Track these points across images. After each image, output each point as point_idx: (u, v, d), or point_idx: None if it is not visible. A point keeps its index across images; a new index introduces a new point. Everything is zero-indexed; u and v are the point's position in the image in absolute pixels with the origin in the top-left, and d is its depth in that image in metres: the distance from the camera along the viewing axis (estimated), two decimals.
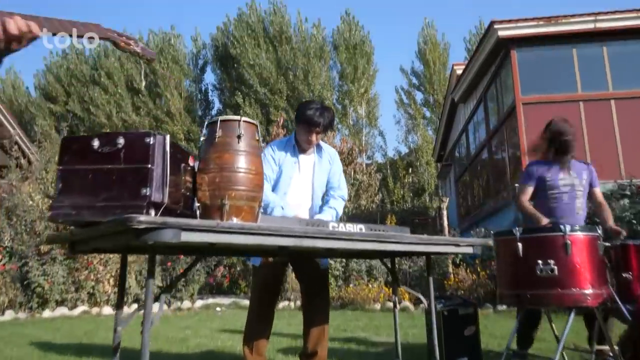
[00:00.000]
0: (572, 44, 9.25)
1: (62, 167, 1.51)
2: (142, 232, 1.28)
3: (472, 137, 13.24)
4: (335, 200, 3.09)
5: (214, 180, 1.67)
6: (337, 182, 3.16)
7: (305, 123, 2.91)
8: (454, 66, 13.87)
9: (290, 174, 2.96)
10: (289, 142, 3.07)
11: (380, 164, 22.86)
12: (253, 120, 1.82)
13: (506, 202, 9.13)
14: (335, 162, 3.18)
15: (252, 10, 24.40)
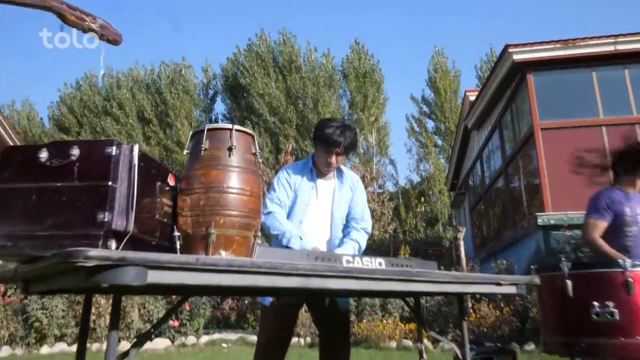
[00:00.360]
0: (591, 67, 8.95)
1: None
2: (94, 271, 0.94)
3: (487, 164, 12.88)
4: (357, 233, 2.73)
5: (198, 203, 1.35)
6: (360, 213, 2.80)
7: (324, 142, 2.60)
8: (466, 92, 13.62)
9: (307, 200, 2.65)
10: (305, 165, 2.77)
11: (392, 193, 22.46)
12: (249, 130, 1.51)
13: (526, 232, 8.70)
14: (358, 189, 2.83)
15: (261, 41, 24.53)
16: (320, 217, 2.68)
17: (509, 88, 9.96)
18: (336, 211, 2.71)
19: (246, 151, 1.48)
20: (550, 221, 7.80)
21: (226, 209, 1.36)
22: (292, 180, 2.68)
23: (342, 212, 2.75)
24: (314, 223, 2.66)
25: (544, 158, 8.50)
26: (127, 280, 0.95)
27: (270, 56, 24.26)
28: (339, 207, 2.72)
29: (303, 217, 2.63)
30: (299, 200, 2.64)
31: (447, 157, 22.65)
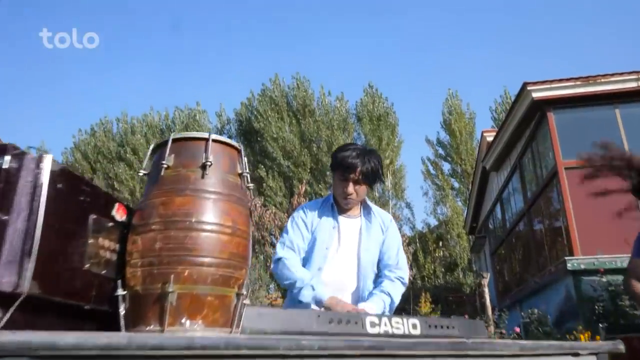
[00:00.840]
0: (614, 104, 8.63)
1: None
2: None
3: (508, 207, 12.42)
4: (391, 284, 2.26)
5: (153, 245, 0.97)
6: (395, 258, 2.35)
7: (339, 168, 2.23)
8: (483, 133, 13.32)
9: (327, 242, 2.24)
10: (325, 202, 2.39)
11: (410, 237, 21.91)
12: (233, 142, 1.14)
13: (554, 278, 8.17)
14: (391, 230, 2.40)
15: (275, 85, 24.68)
16: (344, 263, 2.25)
17: (528, 127, 9.64)
18: (364, 255, 2.26)
19: (229, 171, 1.11)
20: (580, 266, 7.30)
21: (195, 255, 0.98)
22: (308, 220, 2.30)
23: (372, 257, 2.30)
24: (337, 270, 2.24)
25: (569, 199, 8.07)
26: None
27: (284, 100, 24.34)
28: (367, 251, 2.28)
29: (323, 263, 2.22)
30: (317, 243, 2.24)
31: (465, 199, 22.16)
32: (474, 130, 23.79)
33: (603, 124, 8.71)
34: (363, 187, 2.26)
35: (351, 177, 2.20)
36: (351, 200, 2.26)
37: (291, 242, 2.23)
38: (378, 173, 2.28)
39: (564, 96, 8.55)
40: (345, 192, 2.23)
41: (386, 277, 2.29)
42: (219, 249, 1.02)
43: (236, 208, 1.09)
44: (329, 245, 2.24)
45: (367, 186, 2.27)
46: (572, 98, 8.57)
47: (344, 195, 2.24)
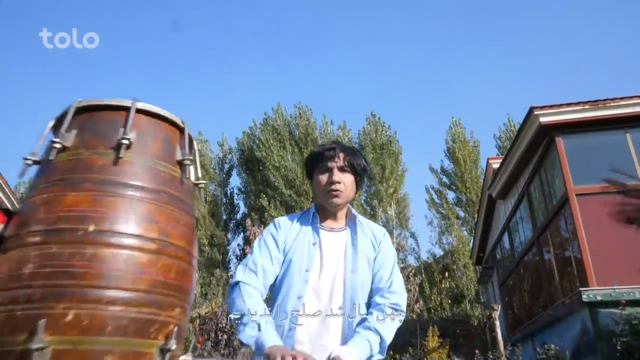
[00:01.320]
0: (624, 129, 8.40)
1: None
2: None
3: (516, 236, 12.06)
4: (380, 314, 1.79)
5: (22, 270, 0.64)
6: (388, 280, 1.89)
7: (317, 161, 1.92)
8: (489, 160, 13.08)
9: (307, 263, 1.81)
10: (305, 215, 1.98)
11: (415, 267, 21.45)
12: (171, 115, 0.80)
13: (568, 310, 7.78)
14: (385, 246, 1.98)
15: (277, 114, 24.70)
16: (329, 290, 1.80)
17: (536, 153, 9.41)
18: (350, 278, 1.82)
19: (161, 156, 0.76)
20: (597, 297, 6.94)
21: (88, 285, 0.64)
22: (281, 236, 1.88)
23: (363, 278, 1.87)
24: (322, 299, 1.78)
25: (582, 226, 7.77)
26: None
27: (287, 129, 24.32)
28: (354, 272, 1.84)
29: (303, 290, 1.78)
30: (294, 265, 1.82)
31: (470, 229, 21.80)
32: (479, 158, 23.64)
33: (614, 149, 8.47)
34: (350, 177, 1.91)
35: (335, 164, 1.88)
36: (339, 192, 1.87)
37: (254, 264, 1.77)
38: (363, 161, 1.96)
39: (572, 120, 8.36)
40: (331, 180, 1.86)
41: (376, 306, 1.84)
42: (133, 276, 0.68)
43: (170, 212, 0.75)
44: (310, 266, 1.81)
45: (353, 177, 1.92)
46: (581, 122, 8.38)
47: (330, 186, 1.87)
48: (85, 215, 0.67)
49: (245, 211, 25.56)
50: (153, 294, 0.72)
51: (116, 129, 0.75)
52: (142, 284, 0.71)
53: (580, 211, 7.89)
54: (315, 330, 1.74)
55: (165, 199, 0.76)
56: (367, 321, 1.77)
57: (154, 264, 0.71)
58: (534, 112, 8.50)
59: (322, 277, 1.81)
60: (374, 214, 22.69)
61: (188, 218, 0.79)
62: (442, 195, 24.24)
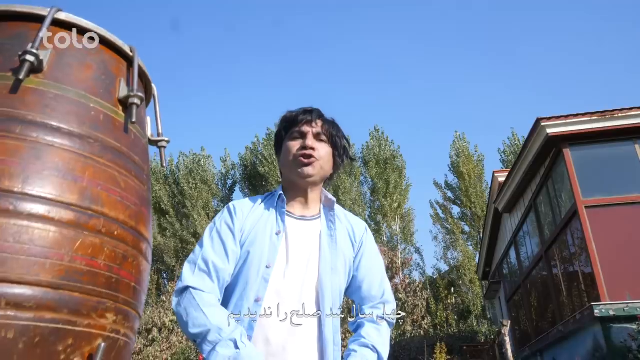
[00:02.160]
0: (632, 139, 8.27)
1: None
2: None
3: (523, 250, 11.86)
4: (376, 330, 1.52)
5: None
6: (379, 288, 1.60)
7: (288, 126, 1.59)
8: (494, 173, 12.95)
9: (269, 258, 1.45)
10: (269, 198, 1.61)
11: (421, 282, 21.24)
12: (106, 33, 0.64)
13: (580, 326, 7.57)
14: (369, 246, 1.66)
15: None
16: (298, 291, 1.45)
17: (543, 165, 9.27)
18: (326, 277, 1.48)
19: (92, 90, 0.58)
20: (609, 312, 6.74)
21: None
22: (237, 224, 1.49)
23: (339, 280, 1.53)
24: (285, 302, 1.42)
25: (592, 239, 7.58)
26: None
27: None
28: (331, 271, 1.50)
29: (263, 291, 1.41)
30: (252, 260, 1.44)
31: (476, 244, 21.60)
32: (483, 172, 23.59)
33: (623, 160, 8.32)
34: (326, 148, 1.57)
35: (311, 129, 1.55)
36: (313, 159, 1.52)
37: (206, 263, 1.40)
38: (342, 135, 1.64)
39: (580, 132, 8.22)
40: (305, 145, 1.52)
41: (367, 319, 1.56)
42: (32, 260, 0.46)
43: (102, 170, 0.54)
44: (271, 262, 1.45)
45: (330, 150, 1.58)
46: (589, 133, 8.25)
47: (302, 152, 1.51)
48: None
49: None
50: (65, 289, 0.49)
51: (20, 44, 0.54)
52: (47, 274, 0.47)
53: (590, 224, 7.72)
54: (278, 344, 1.39)
55: (97, 149, 0.53)
56: (362, 337, 1.50)
57: (70, 243, 0.49)
58: (540, 123, 8.37)
59: (287, 276, 1.46)
60: (378, 229, 22.53)
61: (137, 183, 0.57)
62: (447, 210, 24.15)
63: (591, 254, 7.44)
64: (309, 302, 1.44)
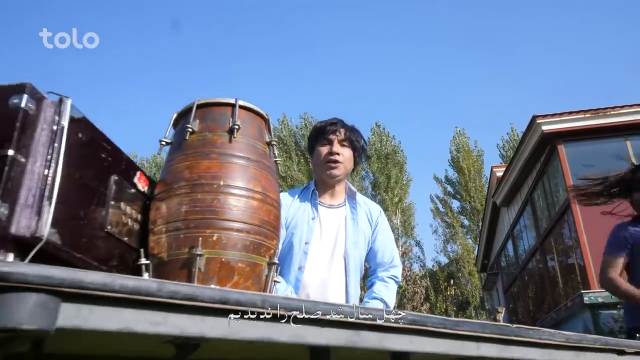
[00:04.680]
0: (624, 136, 8.60)
1: None
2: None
3: (520, 242, 12.24)
4: (384, 286, 2.04)
5: (179, 209, 0.91)
6: (389, 255, 2.12)
7: (318, 136, 2.07)
8: (493, 168, 13.28)
9: (307, 236, 1.97)
10: (305, 190, 2.13)
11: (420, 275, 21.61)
12: (260, 110, 1.09)
13: (571, 313, 7.96)
14: (382, 225, 2.16)
15: (283, 125, 24.89)
16: (329, 260, 1.98)
17: (538, 160, 9.61)
18: (351, 250, 1.99)
19: (256, 138, 1.05)
20: (598, 299, 7.12)
21: (223, 219, 0.93)
22: (282, 211, 1.99)
23: (360, 251, 2.04)
24: (320, 269, 1.96)
25: (584, 232, 7.95)
26: (15, 320, 0.49)
27: (292, 140, 24.49)
28: (355, 244, 2.01)
29: (304, 261, 1.93)
30: (295, 238, 1.96)
31: (475, 237, 21.93)
32: (483, 167, 23.80)
33: (615, 156, 8.65)
34: (348, 152, 2.04)
35: (335, 137, 2.01)
36: (339, 163, 2.01)
37: None
38: (362, 139, 2.11)
39: (574, 129, 8.55)
40: (331, 151, 2.00)
41: (379, 278, 2.07)
42: (249, 214, 0.96)
43: (266, 175, 1.03)
44: (309, 239, 1.96)
45: (352, 153, 2.06)
46: (583, 130, 8.57)
47: (329, 156, 2.00)
48: (216, 175, 0.95)
49: None
50: (262, 227, 0.98)
51: (227, 119, 1.03)
52: (255, 221, 0.96)
53: (582, 217, 8.07)
54: (316, 296, 1.90)
55: (262, 166, 1.03)
56: (373, 292, 2.02)
57: (260, 208, 0.97)
58: (536, 120, 8.69)
59: (321, 249, 1.97)
60: None
61: (276, 181, 1.08)
62: (447, 204, 24.41)
63: (582, 246, 7.81)
64: (337, 267, 1.97)
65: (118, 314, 0.57)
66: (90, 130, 0.83)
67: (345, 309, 0.72)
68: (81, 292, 0.54)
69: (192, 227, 0.91)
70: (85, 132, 0.80)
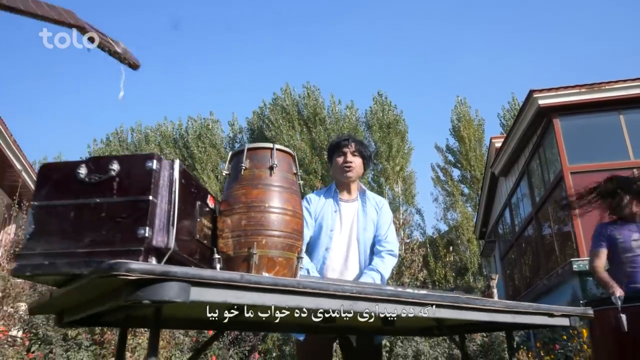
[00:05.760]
0: (618, 110, 8.88)
1: (36, 202, 1.16)
2: (136, 286, 0.90)
3: (517, 211, 12.64)
4: (380, 260, 2.57)
5: (240, 223, 1.32)
6: (385, 233, 2.67)
7: (334, 148, 2.67)
8: (492, 139, 13.56)
9: (331, 225, 2.57)
10: (328, 190, 2.72)
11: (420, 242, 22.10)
12: (289, 150, 1.50)
13: (561, 280, 8.40)
14: (384, 211, 2.73)
15: (286, 95, 25.02)
16: (347, 243, 2.58)
17: (535, 133, 9.89)
18: (362, 234, 2.59)
19: (287, 171, 1.46)
20: (585, 267, 7.51)
21: (268, 229, 1.34)
22: (312, 207, 2.59)
23: (369, 234, 2.62)
24: (341, 249, 2.56)
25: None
26: (170, 296, 0.92)
27: (295, 109, 24.67)
28: (364, 230, 2.60)
29: (329, 244, 2.54)
30: (323, 227, 2.56)
31: (474, 205, 22.34)
32: (483, 136, 24.01)
33: (608, 130, 8.94)
34: (359, 160, 2.63)
35: (347, 149, 2.60)
36: (352, 168, 2.60)
37: None
38: (369, 150, 2.70)
39: (569, 103, 8.80)
40: (345, 160, 2.59)
41: (377, 252, 2.60)
42: (284, 225, 1.37)
43: (294, 197, 1.45)
44: (333, 227, 2.57)
45: (361, 160, 2.65)
46: (578, 105, 8.82)
47: (344, 165, 2.59)
48: (262, 199, 1.35)
49: None
50: (292, 234, 1.39)
51: (268, 159, 1.45)
52: (288, 229, 1.36)
53: (575, 188, 8.42)
54: (338, 269, 2.52)
55: (292, 191, 1.43)
56: (371, 265, 2.55)
57: (291, 221, 1.37)
58: (533, 95, 8.94)
59: (342, 234, 2.59)
60: (381, 191, 23.24)
61: (300, 199, 1.47)
62: (447, 173, 24.70)
63: (573, 215, 8.22)
64: (353, 248, 2.58)
65: (219, 292, 1.00)
66: (187, 176, 1.23)
67: (346, 287, 1.16)
68: (201, 280, 0.96)
69: (249, 235, 1.32)
70: (185, 178, 1.21)
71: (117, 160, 1.17)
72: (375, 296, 1.19)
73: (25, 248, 1.13)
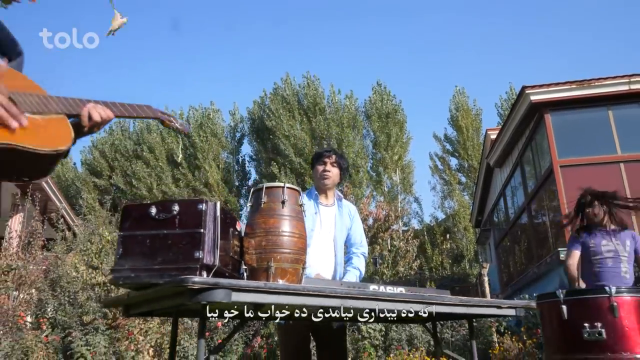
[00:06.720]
0: (607, 106, 9.21)
1: (122, 232, 1.64)
2: (196, 292, 1.35)
3: (510, 201, 13.06)
4: (358, 259, 3.01)
5: (260, 243, 1.76)
6: (360, 238, 3.09)
7: (316, 159, 2.99)
8: (487, 131, 13.93)
9: (311, 225, 2.85)
10: (309, 193, 3.04)
11: (417, 230, 22.54)
12: (296, 187, 1.93)
13: (550, 267, 8.84)
14: (356, 217, 3.14)
15: (287, 84, 25.22)
16: (325, 242, 2.91)
17: (528, 127, 10.24)
18: (338, 235, 2.96)
19: (295, 203, 1.89)
20: None
21: (281, 248, 1.77)
22: None
23: (343, 236, 3.01)
24: (320, 248, 2.87)
25: (564, 194, 8.66)
26: (219, 299, 1.37)
27: (295, 99, 24.88)
28: (340, 232, 2.98)
29: (309, 241, 2.89)
30: None
31: (471, 194, 22.72)
32: (481, 126, 24.26)
33: (597, 125, 9.30)
34: (336, 170, 2.98)
35: (327, 160, 2.95)
36: (329, 177, 2.96)
37: None
38: (346, 163, 3.05)
39: (560, 99, 9.14)
40: (325, 170, 2.93)
41: (354, 254, 3.03)
42: (293, 245, 1.80)
43: (300, 223, 1.89)
44: (313, 227, 2.84)
45: (339, 171, 3.00)
46: (568, 100, 9.16)
47: (322, 173, 2.93)
48: (277, 226, 1.75)
49: (256, 178, 26.53)
50: (299, 251, 1.77)
51: (280, 194, 1.85)
52: (296, 248, 1.75)
53: (563, 180, 8.81)
54: (315, 265, 2.77)
55: (299, 219, 1.80)
56: (351, 263, 3.00)
57: (298, 242, 1.76)
58: (525, 90, 9.26)
59: (321, 234, 2.91)
60: (379, 180, 23.64)
61: (304, 224, 1.83)
62: (445, 162, 25.03)
63: (562, 206, 8.56)
64: (330, 247, 2.95)
65: (250, 295, 1.46)
66: (224, 211, 1.67)
67: (338, 290, 1.62)
68: (239, 288, 1.42)
69: (267, 252, 1.76)
70: (224, 213, 1.65)
71: (177, 203, 1.63)
72: (359, 295, 1.66)
73: (117, 264, 1.59)
